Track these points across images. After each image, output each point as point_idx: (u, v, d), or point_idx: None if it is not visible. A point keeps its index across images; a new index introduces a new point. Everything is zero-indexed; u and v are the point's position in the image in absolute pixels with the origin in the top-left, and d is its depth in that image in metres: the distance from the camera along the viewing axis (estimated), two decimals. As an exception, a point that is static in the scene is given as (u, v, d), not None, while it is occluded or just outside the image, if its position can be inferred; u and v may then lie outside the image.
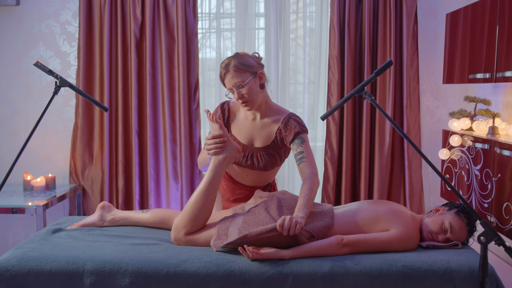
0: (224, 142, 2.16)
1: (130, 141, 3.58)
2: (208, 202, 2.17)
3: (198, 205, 2.16)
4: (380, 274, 1.90)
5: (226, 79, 2.23)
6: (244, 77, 2.21)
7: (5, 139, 3.66)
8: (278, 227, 1.89)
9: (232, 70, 2.21)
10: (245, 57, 2.27)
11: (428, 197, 3.65)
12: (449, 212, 2.16)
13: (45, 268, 1.95)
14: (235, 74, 2.21)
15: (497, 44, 2.54)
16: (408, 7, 3.40)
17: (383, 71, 2.00)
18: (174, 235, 2.18)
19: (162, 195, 3.62)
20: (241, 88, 2.21)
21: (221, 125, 2.20)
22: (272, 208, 2.14)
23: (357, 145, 3.55)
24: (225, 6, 3.67)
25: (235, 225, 2.08)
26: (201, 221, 2.18)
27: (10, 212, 3.05)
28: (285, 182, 3.65)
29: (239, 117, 2.39)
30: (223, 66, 2.25)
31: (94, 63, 3.54)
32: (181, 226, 2.16)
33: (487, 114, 2.82)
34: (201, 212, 2.16)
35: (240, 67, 2.21)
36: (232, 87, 2.23)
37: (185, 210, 2.19)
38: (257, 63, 2.28)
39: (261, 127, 2.34)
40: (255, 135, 2.35)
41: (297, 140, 2.26)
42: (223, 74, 2.24)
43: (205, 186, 2.18)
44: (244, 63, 2.23)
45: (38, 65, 2.19)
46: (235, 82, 2.21)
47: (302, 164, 2.21)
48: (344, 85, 3.50)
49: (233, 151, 2.20)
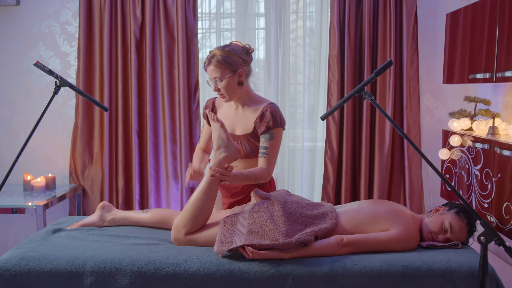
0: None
1: (130, 141, 3.58)
2: (208, 201, 2.17)
3: (198, 205, 2.16)
4: (380, 274, 1.90)
5: (207, 70, 2.34)
6: (223, 73, 2.29)
7: (5, 139, 3.66)
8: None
9: (213, 65, 2.30)
10: (231, 52, 2.31)
11: (428, 197, 3.65)
12: (449, 212, 2.16)
13: (45, 268, 1.95)
14: (215, 68, 2.30)
15: (497, 44, 2.54)
16: (408, 7, 3.40)
17: (383, 71, 2.00)
18: (174, 235, 2.18)
19: (162, 195, 3.62)
20: (218, 82, 2.31)
21: (222, 124, 2.23)
22: (277, 215, 2.09)
23: (357, 145, 3.55)
24: (225, 6, 3.67)
25: (240, 234, 2.05)
26: (201, 221, 2.18)
27: (10, 212, 3.05)
28: (285, 182, 3.65)
29: (224, 106, 2.50)
30: (208, 57, 2.33)
31: (94, 63, 3.54)
32: (181, 225, 2.16)
33: (487, 114, 2.82)
34: (201, 211, 2.16)
35: (222, 63, 2.28)
36: (211, 79, 2.33)
37: (185, 210, 2.19)
38: (241, 60, 2.33)
39: (243, 116, 2.41)
40: (237, 124, 2.41)
41: (267, 134, 2.32)
42: (206, 65, 2.33)
43: (205, 185, 2.18)
44: (227, 60, 2.29)
45: (38, 65, 2.19)
46: (214, 76, 2.31)
47: (262, 159, 2.31)
48: (344, 85, 3.50)
49: (233, 151, 2.21)
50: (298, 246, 1.97)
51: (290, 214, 2.11)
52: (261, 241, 1.98)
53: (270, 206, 2.14)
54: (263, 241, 1.97)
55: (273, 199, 2.19)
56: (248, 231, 2.04)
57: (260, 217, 2.08)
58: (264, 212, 2.11)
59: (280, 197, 2.22)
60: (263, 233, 2.02)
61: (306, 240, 1.97)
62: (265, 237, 2.00)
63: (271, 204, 2.16)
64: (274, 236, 1.99)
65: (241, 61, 2.32)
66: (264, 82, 3.63)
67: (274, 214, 2.10)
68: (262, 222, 2.06)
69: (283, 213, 2.09)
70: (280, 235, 1.99)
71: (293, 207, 2.16)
